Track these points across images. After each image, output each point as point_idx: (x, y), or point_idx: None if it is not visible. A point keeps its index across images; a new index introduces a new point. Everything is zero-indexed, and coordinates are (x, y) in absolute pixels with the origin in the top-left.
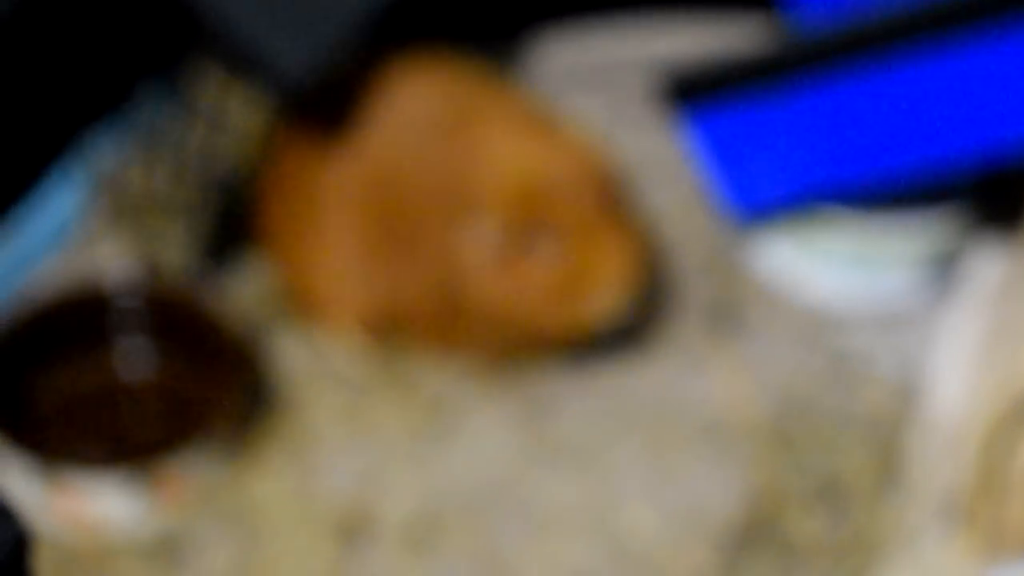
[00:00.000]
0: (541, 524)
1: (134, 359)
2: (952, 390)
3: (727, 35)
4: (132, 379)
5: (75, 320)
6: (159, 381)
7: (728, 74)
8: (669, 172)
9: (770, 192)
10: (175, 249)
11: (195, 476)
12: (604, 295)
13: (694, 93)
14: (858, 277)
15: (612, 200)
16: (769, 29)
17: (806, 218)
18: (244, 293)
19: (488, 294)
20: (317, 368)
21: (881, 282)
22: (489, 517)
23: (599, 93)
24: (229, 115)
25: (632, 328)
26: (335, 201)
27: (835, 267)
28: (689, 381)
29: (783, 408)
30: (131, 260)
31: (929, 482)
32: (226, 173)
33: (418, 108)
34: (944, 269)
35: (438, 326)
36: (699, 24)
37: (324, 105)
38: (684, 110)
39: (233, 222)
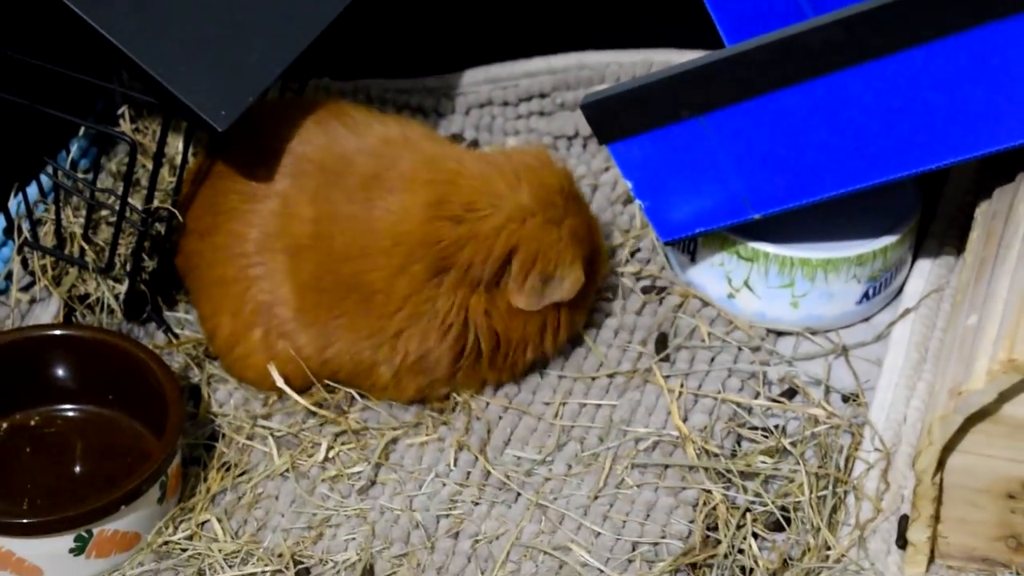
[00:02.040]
0: (487, 556)
1: (63, 407)
2: (890, 408)
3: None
4: (63, 426)
5: (3, 368)
6: (91, 428)
7: (643, 97)
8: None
9: (693, 211)
10: (105, 294)
11: (129, 526)
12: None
13: (610, 117)
14: (794, 298)
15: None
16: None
17: (739, 240)
18: (181, 334)
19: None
20: (252, 413)
21: (817, 303)
22: (435, 552)
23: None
24: (163, 150)
25: (570, 352)
26: (253, 249)
27: (772, 290)
28: (633, 404)
29: (726, 429)
30: (59, 307)
31: (874, 497)
32: (155, 214)
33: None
34: (883, 288)
35: (365, 372)
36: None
37: (236, 147)
38: (604, 134)
39: (163, 265)
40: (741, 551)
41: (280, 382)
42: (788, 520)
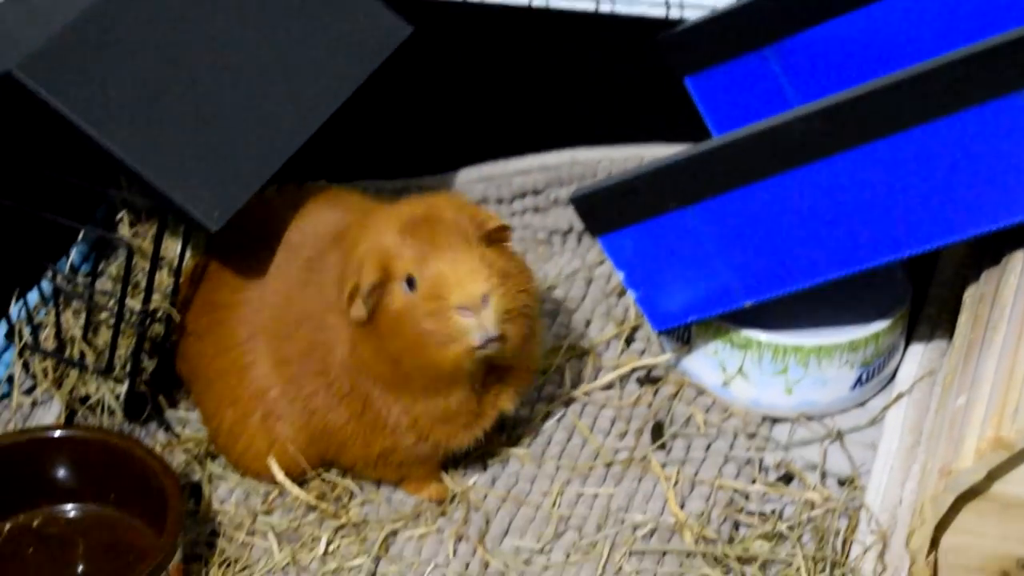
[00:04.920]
0: None
1: (65, 507)
2: (885, 490)
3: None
4: (65, 526)
5: (6, 470)
6: (93, 527)
7: (631, 189)
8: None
9: (685, 300)
10: (106, 395)
11: None
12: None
13: (600, 210)
14: (789, 385)
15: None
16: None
17: (732, 328)
18: (182, 433)
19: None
20: (252, 509)
21: (812, 389)
22: None
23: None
24: (159, 253)
25: (566, 442)
26: (244, 337)
27: (766, 377)
28: (631, 492)
29: (723, 515)
30: (61, 409)
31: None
32: (154, 315)
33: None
34: (876, 372)
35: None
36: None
37: (227, 243)
38: (595, 227)
39: (162, 365)
40: None
41: (280, 475)
42: None
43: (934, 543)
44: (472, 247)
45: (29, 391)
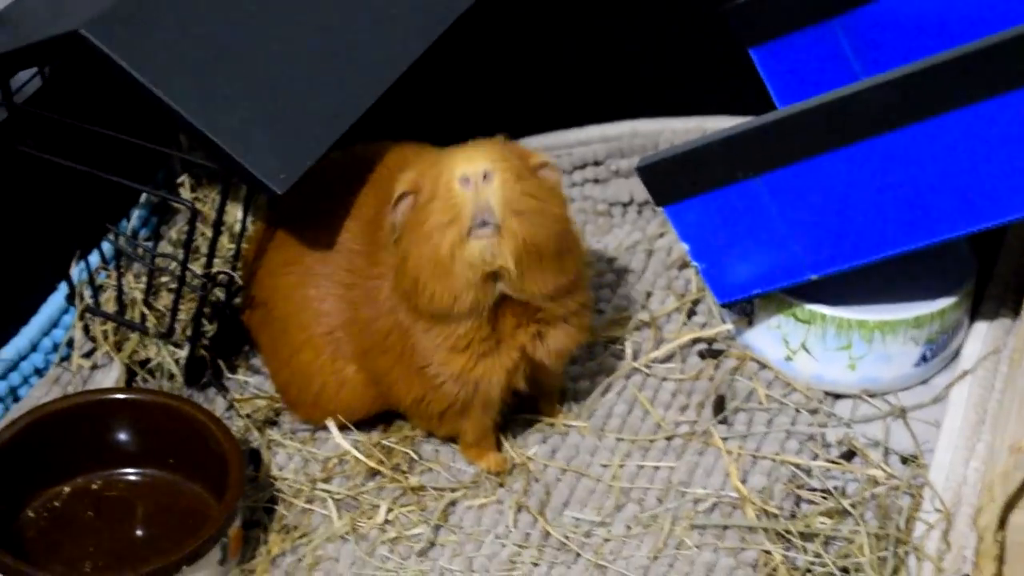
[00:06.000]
0: None
1: (125, 471)
2: (949, 469)
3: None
4: (125, 490)
5: (66, 433)
6: (152, 491)
7: (698, 158)
8: (654, 259)
9: (750, 273)
10: (166, 359)
11: None
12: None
13: (666, 179)
14: (852, 361)
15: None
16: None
17: (796, 302)
18: (243, 396)
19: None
20: (311, 475)
21: (875, 366)
22: None
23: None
24: (222, 216)
25: (627, 415)
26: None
27: (829, 352)
28: (692, 466)
29: (785, 491)
30: (120, 372)
31: (935, 557)
32: (215, 277)
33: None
34: (940, 350)
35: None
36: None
37: (295, 206)
38: (660, 197)
39: (223, 330)
40: None
41: (339, 438)
42: None
43: (1002, 522)
44: (496, 148)
45: (89, 354)
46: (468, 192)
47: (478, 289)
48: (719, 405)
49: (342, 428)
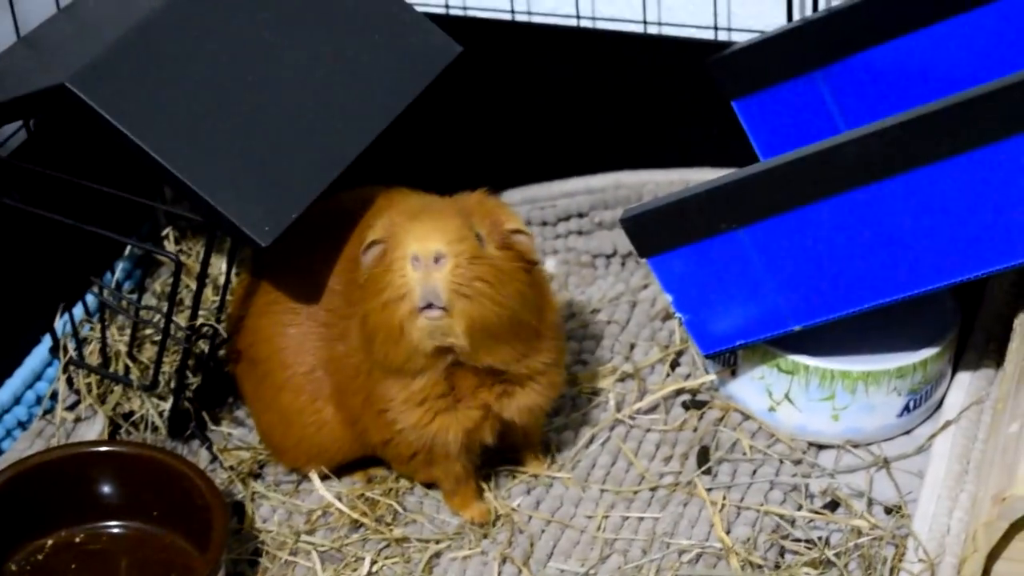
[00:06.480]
0: None
1: (108, 524)
2: (933, 519)
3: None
4: (108, 543)
5: (50, 486)
6: (135, 544)
7: (682, 210)
8: (638, 310)
9: (734, 324)
10: (150, 411)
11: None
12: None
13: (650, 231)
14: (835, 411)
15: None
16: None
17: (779, 353)
18: (227, 448)
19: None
20: (295, 528)
21: (859, 416)
22: None
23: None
24: (207, 268)
25: (611, 466)
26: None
27: (813, 403)
28: (676, 517)
29: (769, 541)
30: (104, 425)
31: None
32: (199, 329)
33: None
34: (923, 400)
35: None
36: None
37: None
38: (644, 248)
39: (210, 379)
40: None
41: (322, 490)
42: None
43: (986, 572)
44: (461, 221)
45: (72, 407)
46: (418, 274)
47: (429, 358)
48: (703, 456)
49: (325, 479)
